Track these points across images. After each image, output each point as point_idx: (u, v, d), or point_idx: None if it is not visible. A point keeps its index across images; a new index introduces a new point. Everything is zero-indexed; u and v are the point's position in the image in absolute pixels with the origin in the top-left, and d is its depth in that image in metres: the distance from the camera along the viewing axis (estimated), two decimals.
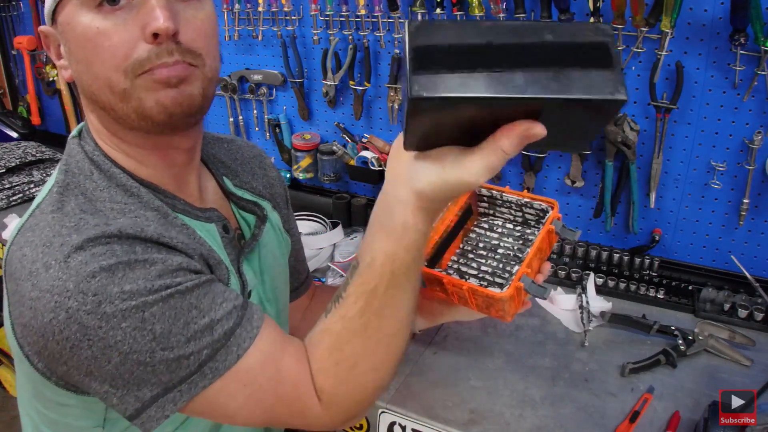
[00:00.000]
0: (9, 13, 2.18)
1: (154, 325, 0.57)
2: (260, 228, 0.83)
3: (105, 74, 0.61)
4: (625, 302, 1.26)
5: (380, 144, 1.50)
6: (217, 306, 0.62)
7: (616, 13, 1.11)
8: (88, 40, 0.60)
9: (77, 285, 0.55)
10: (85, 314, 0.55)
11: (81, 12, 0.60)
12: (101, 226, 0.59)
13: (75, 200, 0.63)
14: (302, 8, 1.51)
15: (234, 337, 0.62)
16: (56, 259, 0.57)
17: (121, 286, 0.56)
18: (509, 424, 0.94)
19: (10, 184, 1.82)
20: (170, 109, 0.62)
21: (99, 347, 0.57)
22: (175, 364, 0.59)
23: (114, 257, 0.57)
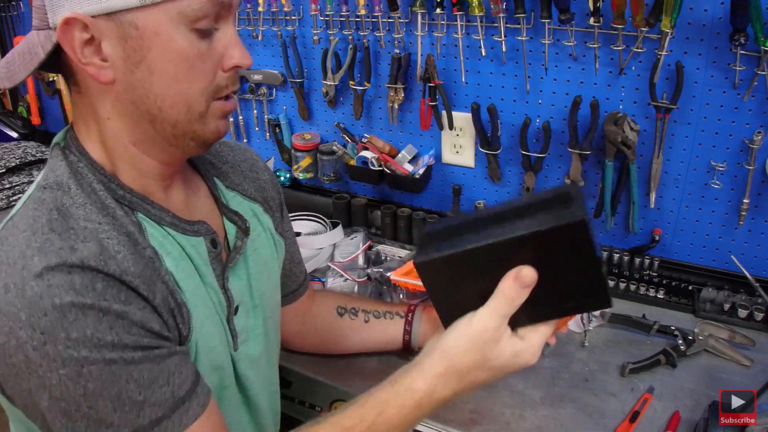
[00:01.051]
0: (9, 13, 2.18)
1: (87, 383, 0.57)
2: (243, 240, 0.81)
3: (192, 94, 0.64)
4: (625, 302, 1.26)
5: (380, 144, 1.51)
6: (156, 388, 0.61)
7: (616, 13, 1.11)
8: (186, 59, 0.62)
9: (28, 318, 0.55)
10: (31, 348, 0.55)
11: (177, 29, 0.60)
12: (65, 251, 0.58)
13: (48, 216, 0.61)
14: (302, 8, 1.51)
15: (159, 427, 0.61)
16: (15, 283, 0.56)
17: (69, 332, 0.56)
18: (509, 424, 0.94)
19: (10, 184, 1.82)
20: (220, 135, 0.70)
21: (36, 384, 0.57)
22: (93, 427, 0.58)
23: (69, 295, 0.56)
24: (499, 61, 1.31)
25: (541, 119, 1.31)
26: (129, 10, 0.58)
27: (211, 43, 0.63)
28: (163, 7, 0.59)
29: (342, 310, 1.05)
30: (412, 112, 1.48)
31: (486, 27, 1.27)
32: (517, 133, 1.34)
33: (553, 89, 1.28)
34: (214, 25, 0.63)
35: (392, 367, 1.07)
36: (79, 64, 0.61)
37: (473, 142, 1.43)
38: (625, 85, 1.21)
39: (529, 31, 1.23)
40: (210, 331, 0.73)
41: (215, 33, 0.64)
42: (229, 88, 0.67)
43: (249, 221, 0.82)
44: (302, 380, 1.08)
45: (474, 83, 1.37)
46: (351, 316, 1.04)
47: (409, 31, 1.39)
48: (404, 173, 1.47)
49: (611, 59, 1.20)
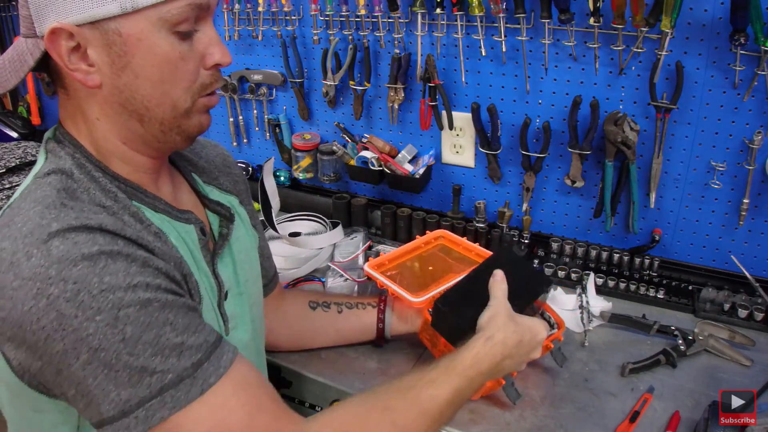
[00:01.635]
0: (9, 13, 2.18)
1: (125, 326, 0.57)
2: (228, 228, 0.85)
3: (177, 94, 0.67)
4: (625, 302, 1.26)
5: (380, 144, 1.51)
6: (191, 332, 0.62)
7: (616, 13, 1.11)
8: (168, 62, 0.65)
9: (59, 272, 0.56)
10: (64, 302, 0.56)
11: (159, 33, 0.63)
12: (82, 218, 0.60)
13: (56, 195, 0.62)
14: (302, 8, 1.51)
15: (201, 370, 0.61)
16: (38, 247, 0.57)
17: (101, 276, 0.57)
18: (509, 424, 0.94)
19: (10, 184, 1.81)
20: (203, 129, 0.73)
21: (71, 339, 0.56)
22: (137, 377, 0.58)
23: (96, 246, 0.58)
24: (499, 61, 1.31)
25: (541, 119, 1.31)
26: (112, 19, 0.61)
27: (192, 44, 0.67)
28: (144, 13, 0.62)
29: (314, 304, 1.07)
30: (412, 112, 1.48)
31: (486, 27, 1.27)
32: (517, 133, 1.34)
33: (553, 89, 1.28)
34: (194, 27, 0.66)
35: (392, 367, 1.08)
36: (67, 69, 0.64)
37: (473, 142, 1.43)
38: (625, 85, 1.21)
39: (529, 31, 1.23)
40: (207, 315, 0.75)
41: (196, 34, 0.67)
42: (213, 86, 0.71)
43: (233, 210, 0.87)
44: (302, 380, 1.08)
45: (474, 83, 1.37)
46: (323, 308, 1.07)
47: (409, 31, 1.39)
48: (404, 173, 1.47)
49: (611, 59, 1.20)
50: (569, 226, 1.40)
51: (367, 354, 1.12)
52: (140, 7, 0.61)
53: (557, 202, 1.39)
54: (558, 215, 1.40)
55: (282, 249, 1.46)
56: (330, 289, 1.30)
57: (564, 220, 1.40)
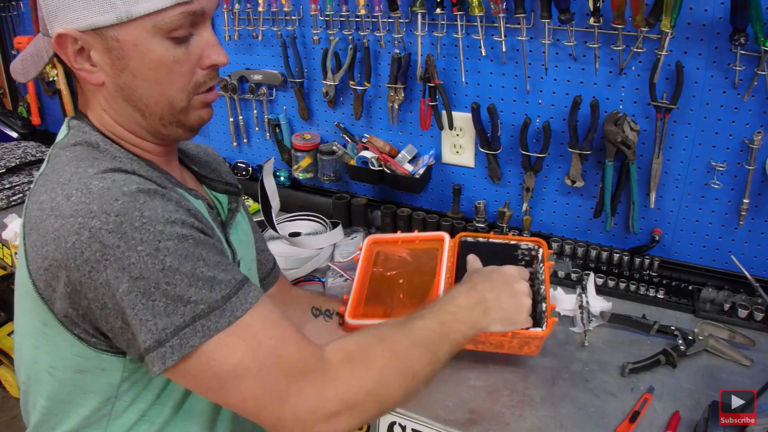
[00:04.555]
0: (9, 13, 2.18)
1: (165, 257, 0.61)
2: (237, 202, 0.91)
3: (172, 94, 0.72)
4: (625, 302, 1.26)
5: (380, 144, 1.51)
6: (222, 268, 0.66)
7: (616, 13, 1.11)
8: (163, 65, 0.69)
9: (101, 206, 0.61)
10: (106, 233, 0.60)
11: (154, 40, 0.68)
12: (117, 164, 0.67)
13: (87, 154, 0.69)
14: (302, 8, 1.51)
15: (230, 303, 0.65)
16: (77, 188, 0.62)
17: (142, 210, 0.61)
18: (509, 424, 0.94)
19: (10, 184, 1.82)
20: (206, 121, 0.78)
21: (114, 268, 0.60)
22: (172, 306, 0.61)
23: (135, 184, 0.63)
24: (499, 61, 1.31)
25: (541, 119, 1.31)
26: (110, 27, 0.67)
27: (189, 47, 0.71)
28: (139, 22, 0.67)
29: (317, 312, 1.08)
30: (412, 112, 1.48)
31: (486, 27, 1.27)
32: (517, 133, 1.34)
33: (553, 89, 1.28)
34: (190, 32, 0.70)
35: None
36: (74, 69, 0.70)
37: (473, 142, 1.43)
38: (625, 85, 1.21)
39: (529, 31, 1.23)
40: None
41: (193, 37, 0.71)
42: (208, 84, 0.75)
43: None
44: None
45: (474, 83, 1.37)
46: (325, 318, 1.08)
47: (409, 31, 1.39)
48: (404, 173, 1.47)
49: (611, 59, 1.20)
50: (569, 226, 1.40)
51: None
52: (135, 17, 0.66)
53: (557, 202, 1.39)
54: (558, 215, 1.40)
55: (282, 249, 1.46)
56: (330, 289, 1.30)
57: (564, 220, 1.40)
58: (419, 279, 1.10)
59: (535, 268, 1.08)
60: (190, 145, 0.99)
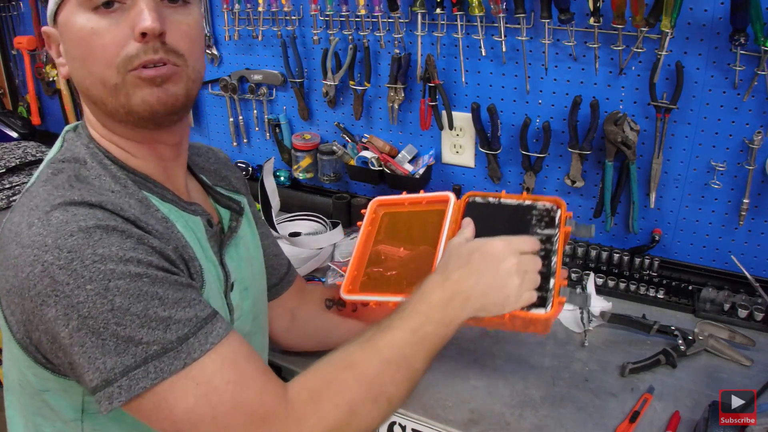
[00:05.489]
0: (9, 13, 2.18)
1: (115, 297, 0.59)
2: (237, 221, 0.87)
3: (98, 70, 0.66)
4: (625, 302, 1.26)
5: (380, 144, 1.51)
6: (180, 308, 0.62)
7: (616, 13, 1.11)
8: (82, 38, 0.66)
9: (55, 240, 0.58)
10: (57, 269, 0.58)
11: (78, 13, 0.65)
12: (85, 196, 0.63)
13: (67, 179, 0.67)
14: (302, 8, 1.51)
15: (186, 344, 0.61)
16: (39, 217, 0.61)
17: (95, 248, 0.59)
18: (509, 424, 0.94)
19: (10, 184, 1.82)
20: (155, 107, 0.68)
21: (63, 305, 0.58)
22: (123, 346, 0.59)
23: (94, 219, 0.61)
24: (499, 61, 1.31)
25: (541, 119, 1.31)
26: (57, 12, 0.68)
27: (118, 17, 0.65)
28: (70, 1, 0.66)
29: (329, 303, 1.05)
30: (412, 112, 1.48)
31: (486, 27, 1.27)
32: (517, 133, 1.34)
33: (553, 89, 1.28)
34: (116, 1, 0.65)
35: None
36: (57, 63, 0.72)
37: (473, 142, 1.43)
38: (625, 85, 1.21)
39: (529, 31, 1.23)
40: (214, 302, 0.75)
41: (126, 4, 0.65)
42: (141, 57, 0.65)
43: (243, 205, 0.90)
44: None
45: (474, 83, 1.37)
46: (338, 307, 1.05)
47: (409, 31, 1.39)
48: (404, 173, 1.47)
49: (611, 59, 1.20)
50: None
51: None
52: None
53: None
54: None
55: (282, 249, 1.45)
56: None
57: None
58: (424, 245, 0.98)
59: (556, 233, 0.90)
60: (202, 149, 0.96)
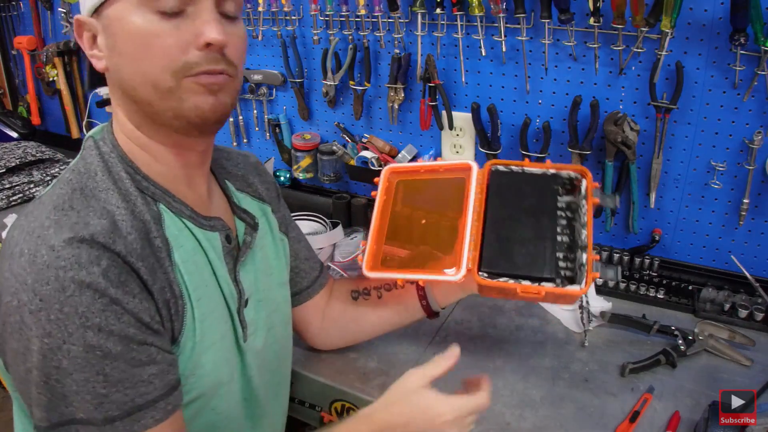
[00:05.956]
0: (9, 13, 2.18)
1: (63, 359, 0.60)
2: (252, 236, 0.85)
3: (153, 72, 0.66)
4: (625, 302, 1.26)
5: (380, 144, 1.51)
6: (121, 388, 0.63)
7: (616, 13, 1.11)
8: (141, 38, 0.65)
9: (33, 284, 0.60)
10: (27, 312, 0.60)
11: (137, 12, 0.65)
12: (79, 225, 0.63)
13: (70, 195, 0.67)
14: (302, 8, 1.51)
15: (111, 426, 0.62)
16: (29, 249, 0.61)
17: (62, 305, 0.59)
18: (509, 424, 0.94)
19: (10, 184, 1.82)
20: (207, 114, 0.69)
21: (21, 346, 0.61)
22: (54, 403, 0.61)
23: (73, 269, 0.60)
24: (499, 61, 1.31)
25: (541, 119, 1.31)
26: (104, 5, 0.66)
27: (181, 23, 0.65)
28: None
29: (356, 294, 1.04)
30: (412, 112, 1.48)
31: (486, 27, 1.27)
32: (517, 133, 1.34)
33: (553, 89, 1.28)
34: (182, 6, 0.65)
35: (392, 367, 1.08)
36: (88, 56, 0.70)
37: (473, 142, 1.43)
38: (625, 85, 1.21)
39: (529, 31, 1.23)
40: (212, 325, 0.74)
41: (188, 12, 0.65)
42: (202, 66, 0.67)
43: (258, 219, 0.87)
44: (302, 380, 1.08)
45: (474, 83, 1.37)
46: (364, 297, 1.03)
47: (409, 31, 1.39)
48: None
49: (611, 59, 1.20)
50: None
51: (367, 354, 1.12)
52: None
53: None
54: None
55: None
56: None
57: None
58: (445, 217, 0.93)
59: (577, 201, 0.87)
60: (232, 153, 0.95)
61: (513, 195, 0.88)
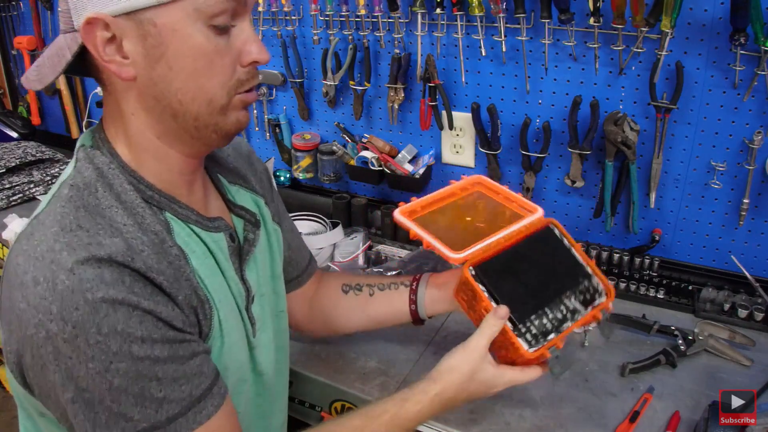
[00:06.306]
0: (9, 13, 2.18)
1: (114, 378, 0.59)
2: (255, 233, 0.84)
3: (212, 88, 0.66)
4: (625, 302, 1.26)
5: (380, 144, 1.51)
6: (177, 386, 0.63)
7: (616, 13, 1.11)
8: (205, 56, 0.63)
9: (60, 311, 0.57)
10: (61, 341, 0.57)
11: (195, 26, 0.62)
12: (93, 246, 0.60)
13: (75, 213, 0.63)
14: (302, 8, 1.51)
15: (175, 423, 0.63)
16: (45, 276, 0.58)
17: (100, 327, 0.57)
18: (509, 424, 0.94)
19: (10, 184, 1.82)
20: (243, 126, 0.71)
21: (63, 375, 0.59)
22: (113, 421, 0.60)
23: (101, 290, 0.58)
24: (499, 61, 1.31)
25: (541, 119, 1.31)
26: (147, 9, 0.60)
27: (229, 39, 0.65)
28: (180, 4, 0.60)
29: (347, 288, 1.04)
30: (412, 112, 1.48)
31: (486, 27, 1.27)
32: (517, 133, 1.34)
33: (553, 89, 1.28)
34: (230, 22, 0.64)
35: (392, 367, 1.08)
36: (102, 62, 0.63)
37: (473, 142, 1.43)
38: (625, 85, 1.21)
39: (529, 31, 1.23)
40: (231, 326, 0.75)
41: (232, 29, 0.65)
42: (250, 83, 0.69)
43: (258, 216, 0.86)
44: (302, 380, 1.08)
45: (474, 83, 1.37)
46: (355, 292, 1.03)
47: (409, 31, 1.39)
48: (404, 173, 1.47)
49: (611, 59, 1.20)
50: (569, 226, 1.39)
51: (367, 354, 1.12)
52: None
53: (557, 202, 1.39)
54: (558, 215, 1.40)
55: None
56: None
57: (564, 220, 1.40)
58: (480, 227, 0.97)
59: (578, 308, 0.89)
60: None
61: (546, 253, 0.91)
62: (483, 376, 0.82)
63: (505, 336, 0.82)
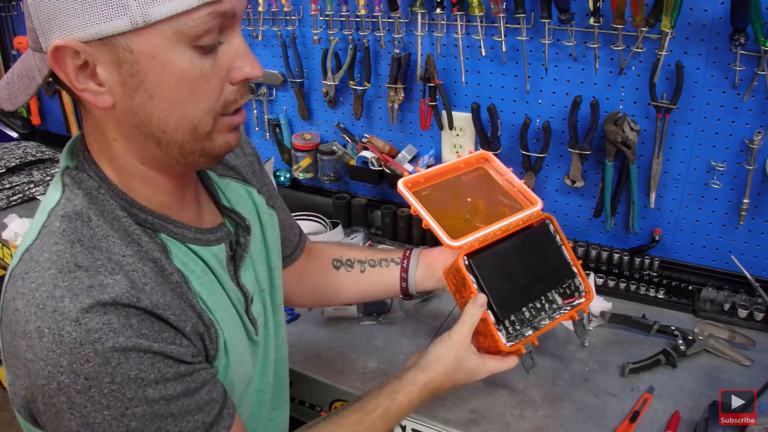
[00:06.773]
0: (9, 13, 2.18)
1: (130, 422, 0.58)
2: (246, 237, 0.81)
3: (196, 116, 0.60)
4: (625, 302, 1.26)
5: (380, 144, 1.51)
6: (190, 418, 0.63)
7: (616, 13, 1.11)
8: (188, 82, 0.58)
9: (70, 364, 0.55)
10: (75, 392, 0.56)
11: (176, 50, 0.56)
12: (96, 289, 0.57)
13: (71, 250, 0.59)
14: (302, 8, 1.51)
15: None
16: (49, 327, 0.55)
17: (113, 377, 0.56)
18: (509, 424, 0.94)
19: (10, 184, 1.82)
20: (232, 147, 0.67)
21: (79, 423, 0.57)
22: None
23: (110, 339, 0.55)
24: (499, 61, 1.31)
25: (541, 119, 1.31)
26: (122, 34, 0.54)
27: (217, 58, 0.60)
28: (158, 28, 0.55)
29: (338, 263, 1.05)
30: (412, 112, 1.48)
31: (486, 27, 1.27)
32: (517, 133, 1.34)
33: (553, 89, 1.28)
34: (218, 39, 0.59)
35: (392, 368, 1.08)
36: (75, 90, 0.58)
37: (473, 142, 1.43)
38: (625, 85, 1.21)
39: (529, 31, 1.23)
40: (235, 339, 0.74)
41: (221, 46, 0.60)
42: (239, 102, 0.64)
43: (247, 216, 0.82)
44: (302, 380, 1.08)
45: (474, 83, 1.37)
46: (347, 268, 1.05)
47: (409, 31, 1.39)
48: (404, 173, 1.47)
49: (611, 59, 1.20)
50: (569, 226, 1.40)
51: (367, 354, 1.12)
52: (153, 21, 0.54)
53: (557, 202, 1.39)
54: (558, 215, 1.40)
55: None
56: None
57: (564, 220, 1.40)
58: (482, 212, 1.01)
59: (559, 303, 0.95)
60: None
61: (538, 250, 0.95)
62: (468, 365, 0.87)
63: (486, 325, 0.87)
